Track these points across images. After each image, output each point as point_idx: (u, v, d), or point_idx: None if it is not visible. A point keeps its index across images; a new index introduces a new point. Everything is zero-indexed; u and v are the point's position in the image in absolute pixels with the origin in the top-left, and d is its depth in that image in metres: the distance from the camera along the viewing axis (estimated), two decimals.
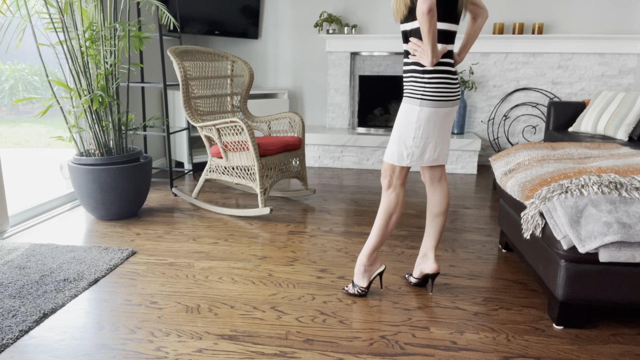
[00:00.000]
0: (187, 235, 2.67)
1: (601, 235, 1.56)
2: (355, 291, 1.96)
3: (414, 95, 1.76)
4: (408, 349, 1.61)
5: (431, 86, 1.73)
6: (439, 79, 1.73)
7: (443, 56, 1.74)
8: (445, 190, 1.95)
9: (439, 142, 1.82)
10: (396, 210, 1.87)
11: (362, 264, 1.94)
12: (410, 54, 1.77)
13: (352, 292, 1.97)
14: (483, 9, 1.84)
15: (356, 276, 1.97)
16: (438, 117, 1.77)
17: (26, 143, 6.01)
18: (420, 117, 1.76)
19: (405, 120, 1.79)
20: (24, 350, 1.59)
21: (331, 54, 4.77)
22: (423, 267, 2.00)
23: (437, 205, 1.95)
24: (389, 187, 1.88)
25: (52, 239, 2.60)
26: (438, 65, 1.73)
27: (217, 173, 3.14)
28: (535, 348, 1.62)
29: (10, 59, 6.37)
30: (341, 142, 4.45)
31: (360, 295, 1.96)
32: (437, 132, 1.80)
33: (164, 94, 3.49)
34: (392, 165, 1.86)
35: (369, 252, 1.92)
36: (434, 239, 1.98)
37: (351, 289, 1.98)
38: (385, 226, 1.88)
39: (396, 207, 1.87)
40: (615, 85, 4.42)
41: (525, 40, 4.40)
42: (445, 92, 1.75)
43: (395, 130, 1.83)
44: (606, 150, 2.40)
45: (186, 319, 1.78)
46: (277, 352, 1.58)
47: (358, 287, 1.96)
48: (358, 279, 1.97)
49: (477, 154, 4.30)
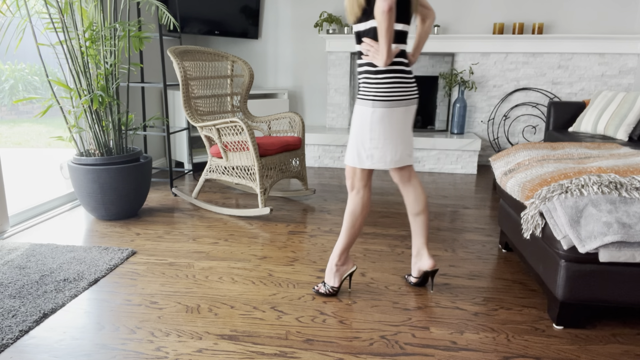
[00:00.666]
0: (187, 235, 2.67)
1: (601, 235, 1.56)
2: (326, 290, 1.98)
3: (366, 97, 1.78)
4: (408, 349, 1.61)
5: (384, 87, 1.75)
6: (392, 79, 1.75)
7: (397, 56, 1.76)
8: (417, 188, 1.97)
9: (399, 142, 1.83)
10: (362, 212, 1.90)
11: (334, 264, 1.96)
12: (363, 55, 1.78)
13: (323, 291, 1.98)
14: (430, 10, 1.88)
15: (327, 276, 1.99)
16: (393, 118, 1.78)
17: (26, 143, 6.01)
18: (374, 118, 1.77)
19: (360, 122, 1.81)
20: (24, 350, 1.59)
21: (331, 54, 4.77)
22: (420, 265, 2.01)
23: (413, 204, 1.97)
24: (352, 190, 1.90)
25: (52, 239, 2.60)
26: (391, 65, 1.75)
27: (217, 173, 3.14)
28: (535, 348, 1.62)
29: (10, 59, 6.37)
30: (341, 142, 4.45)
31: (331, 295, 1.97)
32: (395, 132, 1.81)
33: (164, 94, 3.49)
34: (352, 167, 1.88)
35: (340, 253, 1.95)
36: (422, 237, 2.00)
37: (322, 288, 1.99)
38: (352, 227, 1.91)
39: (362, 209, 1.89)
40: (615, 85, 4.42)
41: (525, 40, 4.40)
42: (399, 92, 1.76)
43: (352, 132, 1.85)
44: (606, 150, 2.40)
45: (186, 319, 1.78)
46: (277, 352, 1.58)
47: (329, 287, 1.98)
48: (329, 279, 1.98)
49: (477, 154, 4.30)
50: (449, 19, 4.56)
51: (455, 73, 4.56)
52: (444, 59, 4.61)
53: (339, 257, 1.95)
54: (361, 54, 1.79)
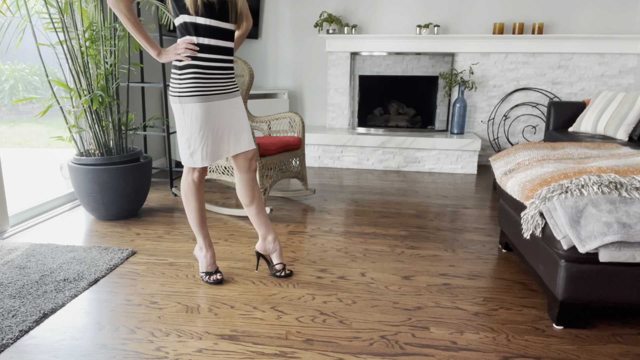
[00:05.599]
0: (187, 235, 2.67)
1: (601, 235, 1.56)
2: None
3: (172, 93, 1.89)
4: (408, 349, 1.61)
5: (184, 82, 1.84)
6: (190, 74, 1.83)
7: (201, 51, 1.82)
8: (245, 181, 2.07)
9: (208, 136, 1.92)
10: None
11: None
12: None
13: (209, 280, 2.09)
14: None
15: (211, 265, 2.12)
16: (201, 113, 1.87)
17: (26, 143, 6.01)
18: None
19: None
20: (24, 350, 1.59)
21: (331, 54, 4.77)
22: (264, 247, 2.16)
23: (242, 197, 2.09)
24: None
25: (52, 239, 2.60)
26: (192, 60, 1.82)
27: (217, 173, 3.14)
28: (535, 348, 1.62)
29: (10, 59, 6.37)
30: (341, 142, 4.45)
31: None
32: (208, 127, 1.89)
33: (164, 94, 3.49)
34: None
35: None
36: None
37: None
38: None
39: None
40: (615, 85, 4.42)
41: (525, 40, 4.40)
42: (199, 87, 1.84)
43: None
44: (606, 150, 2.40)
45: (186, 319, 1.78)
46: (277, 352, 1.58)
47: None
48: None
49: (477, 154, 4.30)
50: (449, 19, 4.56)
51: (455, 73, 4.56)
52: (444, 59, 4.61)
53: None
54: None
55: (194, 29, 1.79)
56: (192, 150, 1.89)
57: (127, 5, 1.76)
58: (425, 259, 2.37)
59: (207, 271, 2.09)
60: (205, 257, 2.10)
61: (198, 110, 1.84)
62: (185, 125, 1.87)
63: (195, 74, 1.82)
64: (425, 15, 4.58)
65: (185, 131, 1.88)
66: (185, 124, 1.87)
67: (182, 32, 1.82)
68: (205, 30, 1.80)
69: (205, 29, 1.80)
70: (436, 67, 4.65)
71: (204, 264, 2.10)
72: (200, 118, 1.85)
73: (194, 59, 1.81)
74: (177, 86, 1.85)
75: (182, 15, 1.78)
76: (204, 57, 1.83)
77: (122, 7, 1.75)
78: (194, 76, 1.82)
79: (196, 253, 2.14)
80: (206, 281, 2.08)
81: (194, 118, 1.85)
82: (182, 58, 1.81)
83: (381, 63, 4.72)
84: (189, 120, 1.86)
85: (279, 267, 2.13)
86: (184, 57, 1.81)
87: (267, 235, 2.13)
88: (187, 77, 1.82)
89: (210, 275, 2.08)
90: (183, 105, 1.84)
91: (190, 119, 1.85)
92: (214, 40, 1.83)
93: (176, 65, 1.84)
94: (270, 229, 2.14)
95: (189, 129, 1.87)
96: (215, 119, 1.89)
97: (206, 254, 2.10)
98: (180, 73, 1.83)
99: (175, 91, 1.86)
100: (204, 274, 2.09)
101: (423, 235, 2.71)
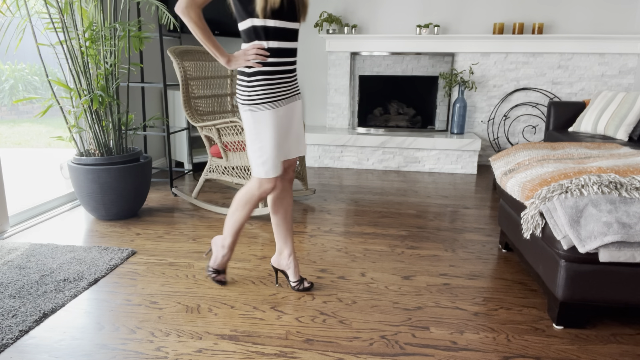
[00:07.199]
0: (187, 235, 2.67)
1: (601, 235, 1.56)
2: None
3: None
4: (408, 349, 1.61)
5: (254, 89, 1.76)
6: (259, 81, 1.75)
7: (271, 55, 1.73)
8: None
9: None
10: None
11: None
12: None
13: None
14: None
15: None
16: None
17: (26, 143, 6.01)
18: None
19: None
20: (24, 350, 1.59)
21: (331, 54, 4.77)
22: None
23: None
24: None
25: (52, 239, 2.60)
26: (262, 66, 1.73)
27: (217, 173, 3.14)
28: (535, 348, 1.62)
29: (10, 59, 6.37)
30: (341, 142, 4.45)
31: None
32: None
33: (164, 94, 3.49)
34: None
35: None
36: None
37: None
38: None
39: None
40: (615, 85, 4.42)
41: (525, 40, 4.40)
42: (270, 93, 1.77)
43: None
44: (606, 150, 2.40)
45: (186, 319, 1.78)
46: (277, 352, 1.58)
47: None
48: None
49: (477, 154, 4.30)
50: (449, 19, 4.56)
51: (455, 73, 4.56)
52: (444, 59, 4.61)
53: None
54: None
55: (264, 33, 1.68)
56: (264, 159, 1.78)
57: (197, 12, 1.67)
58: (425, 259, 2.37)
59: (217, 269, 2.05)
60: (223, 257, 2.03)
61: (269, 117, 1.74)
62: (257, 134, 1.77)
63: (265, 80, 1.72)
64: (425, 15, 4.58)
65: (256, 140, 1.77)
66: (258, 133, 1.76)
67: (249, 37, 1.70)
68: (275, 33, 1.69)
69: (275, 31, 1.69)
70: (436, 67, 4.65)
71: (218, 261, 2.04)
72: (273, 125, 1.75)
73: (264, 65, 1.72)
74: (246, 94, 1.74)
75: (251, 19, 1.67)
76: (273, 62, 1.72)
77: (193, 15, 1.66)
78: (263, 83, 1.72)
79: (216, 247, 2.05)
80: (211, 277, 2.05)
81: (266, 126, 1.75)
82: (253, 64, 1.70)
83: (381, 63, 4.72)
84: (262, 128, 1.75)
85: (294, 284, 2.03)
86: (254, 64, 1.70)
87: (283, 249, 2.03)
88: (257, 84, 1.72)
89: (218, 274, 2.06)
90: (254, 113, 1.74)
91: (263, 127, 1.75)
92: (283, 43, 1.72)
93: (244, 71, 1.74)
94: (289, 244, 2.02)
95: (261, 137, 1.76)
96: (285, 124, 1.81)
97: (225, 254, 2.03)
98: (249, 80, 1.73)
99: (244, 99, 1.75)
100: (212, 270, 2.05)
101: (423, 235, 2.71)
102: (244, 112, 1.78)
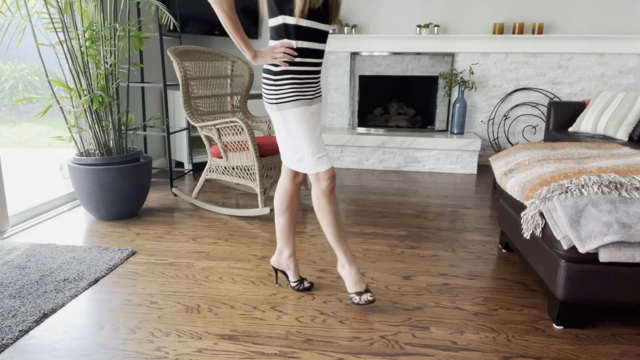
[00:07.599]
0: (187, 235, 2.67)
1: (601, 235, 1.56)
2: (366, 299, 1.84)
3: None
4: (408, 349, 1.61)
5: (281, 88, 1.73)
6: (286, 80, 1.72)
7: (299, 55, 1.69)
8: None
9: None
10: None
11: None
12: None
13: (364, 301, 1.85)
14: None
15: (358, 283, 1.88)
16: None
17: (26, 143, 6.01)
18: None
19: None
20: (24, 350, 1.59)
21: (331, 54, 4.77)
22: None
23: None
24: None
25: (52, 239, 2.60)
26: (290, 66, 1.70)
27: (217, 173, 3.14)
28: (535, 348, 1.62)
29: (10, 59, 6.37)
30: (341, 142, 4.45)
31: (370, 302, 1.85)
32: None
33: (164, 94, 3.49)
34: None
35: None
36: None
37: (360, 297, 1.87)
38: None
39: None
40: (615, 85, 4.42)
41: (525, 40, 4.40)
42: (297, 91, 1.74)
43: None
44: (606, 150, 2.40)
45: (186, 319, 1.78)
46: (277, 352, 1.58)
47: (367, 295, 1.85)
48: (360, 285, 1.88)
49: (477, 154, 4.30)
50: (449, 19, 4.56)
51: (455, 73, 4.56)
52: (444, 59, 4.61)
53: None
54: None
55: (294, 32, 1.64)
56: (299, 157, 1.76)
57: (230, 3, 1.62)
58: (425, 259, 2.37)
59: (358, 291, 1.85)
60: (350, 274, 1.86)
61: (298, 114, 1.71)
62: (288, 132, 1.74)
63: (292, 79, 1.70)
64: (425, 15, 4.58)
65: (288, 138, 1.75)
66: (288, 131, 1.74)
67: (279, 34, 1.67)
68: (307, 34, 1.66)
69: (307, 31, 1.65)
70: (436, 67, 4.65)
71: (351, 281, 1.86)
72: (303, 121, 1.72)
73: (291, 64, 1.68)
74: (273, 92, 1.71)
75: (283, 16, 1.63)
76: (301, 62, 1.69)
77: (225, 5, 1.61)
78: (290, 82, 1.70)
79: (342, 273, 1.90)
80: (357, 303, 1.84)
81: (296, 122, 1.72)
82: (280, 63, 1.67)
83: (381, 63, 4.72)
84: (291, 126, 1.73)
85: (294, 284, 2.02)
86: (281, 62, 1.67)
87: (283, 250, 2.01)
88: (284, 82, 1.70)
89: (361, 295, 1.84)
90: (282, 112, 1.71)
91: (292, 124, 1.72)
92: (313, 44, 1.69)
93: (270, 69, 1.71)
94: (290, 245, 2.00)
95: (293, 135, 1.74)
96: (312, 122, 1.77)
97: (350, 271, 1.87)
98: (275, 79, 1.70)
99: (271, 98, 1.72)
100: (355, 295, 1.84)
101: (423, 235, 2.71)
102: (271, 112, 1.75)
